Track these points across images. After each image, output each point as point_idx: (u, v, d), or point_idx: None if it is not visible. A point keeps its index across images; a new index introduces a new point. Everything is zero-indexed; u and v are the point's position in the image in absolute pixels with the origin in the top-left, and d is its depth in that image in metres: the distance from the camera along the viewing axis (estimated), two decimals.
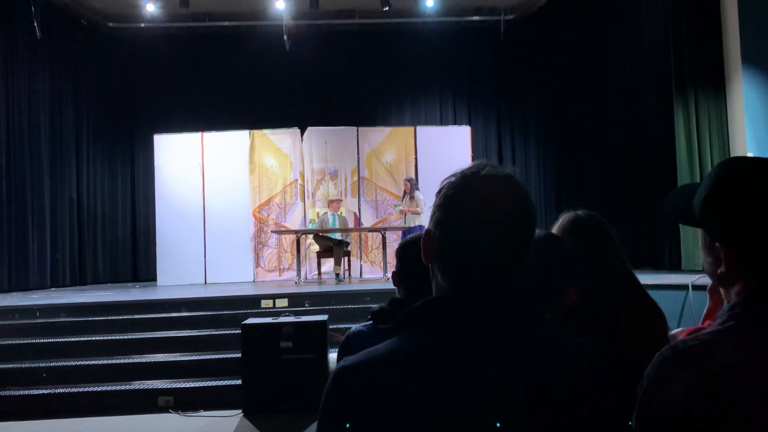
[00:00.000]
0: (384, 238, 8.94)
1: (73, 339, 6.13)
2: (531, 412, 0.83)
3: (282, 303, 6.69)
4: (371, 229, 9.55)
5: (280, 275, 9.95)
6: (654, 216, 8.55)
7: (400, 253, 2.04)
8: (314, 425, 0.96)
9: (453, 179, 0.94)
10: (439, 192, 0.95)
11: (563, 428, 0.83)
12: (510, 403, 0.83)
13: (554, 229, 1.88)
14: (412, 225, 8.82)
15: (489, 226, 0.89)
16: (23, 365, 5.76)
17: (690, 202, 1.04)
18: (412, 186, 8.97)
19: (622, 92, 9.62)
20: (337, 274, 8.75)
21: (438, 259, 0.94)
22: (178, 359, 5.91)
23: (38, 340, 6.12)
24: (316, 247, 9.30)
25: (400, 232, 9.44)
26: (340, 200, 9.59)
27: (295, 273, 9.01)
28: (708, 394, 0.86)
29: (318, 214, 9.46)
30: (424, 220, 8.78)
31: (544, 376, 0.86)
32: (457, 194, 0.92)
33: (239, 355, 5.28)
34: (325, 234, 8.97)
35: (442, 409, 0.83)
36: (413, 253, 2.00)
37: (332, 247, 8.86)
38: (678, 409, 0.88)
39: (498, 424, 0.82)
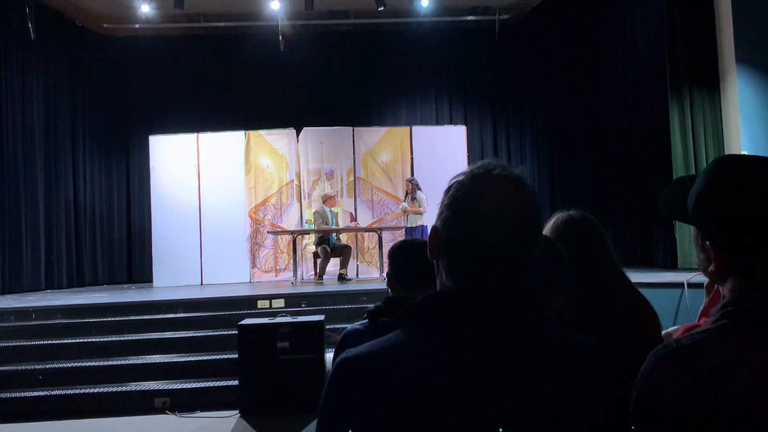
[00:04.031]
0: (380, 239, 8.93)
1: (69, 341, 6.12)
2: (532, 405, 0.83)
3: (278, 303, 6.69)
4: (367, 229, 9.53)
5: (276, 276, 9.93)
6: (649, 214, 8.57)
7: (393, 255, 2.07)
8: (312, 425, 0.96)
9: (462, 178, 0.94)
10: (447, 191, 0.95)
11: (564, 423, 0.84)
12: (512, 397, 0.84)
13: (547, 229, 1.89)
14: (414, 225, 8.79)
15: (496, 227, 0.89)
16: (19, 367, 5.75)
17: (685, 198, 1.04)
18: (414, 186, 8.93)
19: (616, 91, 9.64)
20: (342, 274, 8.76)
21: (444, 257, 0.94)
22: (175, 360, 5.90)
23: (34, 342, 6.10)
24: (312, 248, 9.27)
25: (396, 232, 9.41)
26: (334, 195, 9.54)
27: (291, 273, 9.00)
28: (703, 394, 0.87)
29: (314, 213, 9.39)
30: (426, 220, 8.76)
31: (545, 372, 0.86)
32: (465, 194, 0.92)
33: (236, 355, 5.28)
34: (324, 240, 8.93)
35: (442, 401, 0.83)
36: (405, 255, 2.04)
37: (342, 249, 8.90)
38: (674, 408, 0.88)
39: (500, 417, 0.82)
